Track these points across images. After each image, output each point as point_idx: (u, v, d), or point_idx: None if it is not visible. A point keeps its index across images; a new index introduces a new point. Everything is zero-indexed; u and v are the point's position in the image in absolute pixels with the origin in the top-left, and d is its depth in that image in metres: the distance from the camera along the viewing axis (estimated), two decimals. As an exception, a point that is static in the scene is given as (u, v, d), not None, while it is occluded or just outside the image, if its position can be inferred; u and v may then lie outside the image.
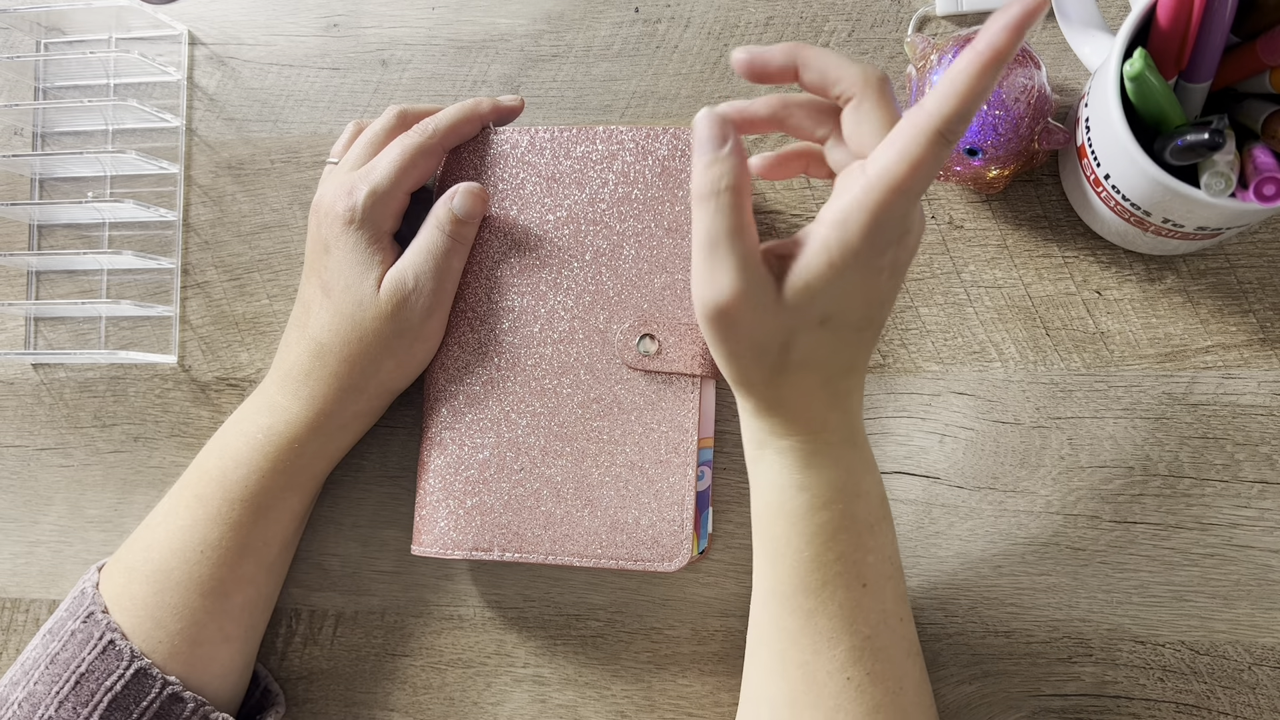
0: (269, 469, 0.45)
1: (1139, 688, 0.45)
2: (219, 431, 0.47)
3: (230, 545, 0.44)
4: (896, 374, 0.48)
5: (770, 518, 0.39)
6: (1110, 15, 0.47)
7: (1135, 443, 0.46)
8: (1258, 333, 0.45)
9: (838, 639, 0.37)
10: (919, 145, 0.32)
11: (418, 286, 0.44)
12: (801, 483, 0.38)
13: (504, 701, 0.49)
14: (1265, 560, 0.44)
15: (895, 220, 0.33)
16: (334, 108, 0.54)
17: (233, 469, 0.45)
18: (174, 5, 0.56)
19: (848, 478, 0.38)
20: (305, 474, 0.46)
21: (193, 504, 0.45)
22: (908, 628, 0.39)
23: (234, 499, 0.44)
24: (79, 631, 0.43)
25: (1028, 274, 0.47)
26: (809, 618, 0.37)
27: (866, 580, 0.38)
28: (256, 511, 0.45)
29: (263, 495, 0.45)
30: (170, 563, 0.44)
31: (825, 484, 0.38)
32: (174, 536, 0.45)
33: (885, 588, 0.38)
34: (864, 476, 0.39)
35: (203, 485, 0.45)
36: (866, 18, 0.50)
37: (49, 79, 0.58)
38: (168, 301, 0.55)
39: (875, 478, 0.39)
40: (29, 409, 0.56)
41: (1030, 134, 0.43)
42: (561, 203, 0.47)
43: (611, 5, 0.52)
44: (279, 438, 0.45)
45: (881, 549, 0.38)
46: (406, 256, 0.45)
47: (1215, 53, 0.39)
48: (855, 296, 0.35)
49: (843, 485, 0.38)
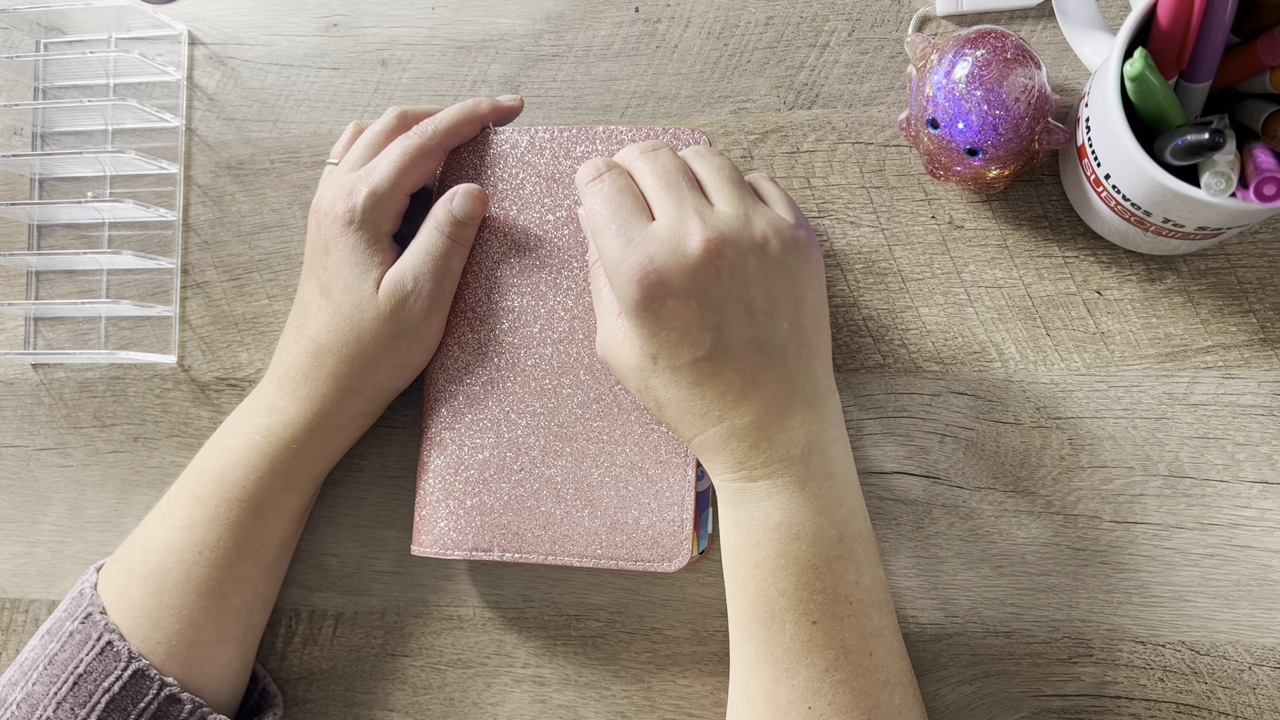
0: (267, 469, 0.45)
1: (1139, 688, 0.45)
2: (217, 432, 0.47)
3: (228, 546, 0.44)
4: (897, 374, 0.48)
5: (723, 547, 0.40)
6: (1110, 15, 0.47)
7: (1135, 443, 0.46)
8: (1258, 333, 0.45)
9: (794, 669, 0.37)
10: None
11: (417, 288, 0.44)
12: (735, 519, 0.39)
13: (504, 702, 0.49)
14: (1266, 560, 0.44)
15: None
16: (334, 108, 0.54)
17: (230, 470, 0.45)
18: (174, 5, 0.56)
19: (783, 517, 0.37)
20: (303, 475, 0.46)
21: (190, 504, 0.45)
22: (881, 659, 0.38)
23: (232, 500, 0.44)
24: (77, 632, 0.43)
25: (1028, 274, 0.47)
26: (764, 646, 0.38)
27: (816, 618, 0.37)
28: (254, 512, 0.45)
29: (260, 496, 0.45)
30: (168, 563, 0.44)
31: (756, 523, 0.38)
32: (172, 537, 0.44)
33: (842, 625, 0.37)
34: (810, 517, 0.38)
35: (200, 486, 0.45)
36: (866, 18, 0.50)
37: (49, 79, 0.58)
38: (167, 301, 0.55)
39: (828, 518, 0.38)
40: (29, 409, 0.56)
41: (1030, 134, 0.43)
42: (561, 203, 0.47)
43: (611, 5, 0.52)
44: (276, 438, 0.45)
45: (833, 589, 0.37)
46: (405, 258, 0.45)
47: (1215, 53, 0.39)
48: (666, 334, 0.38)
49: (776, 525, 0.38)
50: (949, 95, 0.43)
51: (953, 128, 0.43)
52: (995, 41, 0.43)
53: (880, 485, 0.47)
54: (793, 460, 0.38)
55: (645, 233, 0.38)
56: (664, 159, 0.40)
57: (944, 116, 0.43)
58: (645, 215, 0.39)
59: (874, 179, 0.49)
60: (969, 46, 0.43)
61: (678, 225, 0.38)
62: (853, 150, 0.49)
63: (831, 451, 0.39)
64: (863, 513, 0.40)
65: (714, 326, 0.37)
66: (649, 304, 0.37)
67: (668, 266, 0.37)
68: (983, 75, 0.42)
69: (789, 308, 0.38)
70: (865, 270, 0.48)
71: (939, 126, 0.43)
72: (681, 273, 0.37)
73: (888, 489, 0.47)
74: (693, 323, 0.37)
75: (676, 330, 0.38)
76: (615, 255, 0.38)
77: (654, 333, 0.38)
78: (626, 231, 0.38)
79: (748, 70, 0.50)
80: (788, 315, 0.38)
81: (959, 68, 0.43)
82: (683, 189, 0.39)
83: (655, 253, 0.37)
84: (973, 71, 0.42)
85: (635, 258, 0.37)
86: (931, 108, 0.43)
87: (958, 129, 0.43)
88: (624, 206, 0.39)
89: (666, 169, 0.39)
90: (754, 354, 0.38)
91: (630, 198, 0.39)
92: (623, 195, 0.39)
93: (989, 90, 0.42)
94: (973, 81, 0.42)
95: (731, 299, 0.37)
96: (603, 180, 0.40)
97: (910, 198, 0.48)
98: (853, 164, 0.49)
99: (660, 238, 0.37)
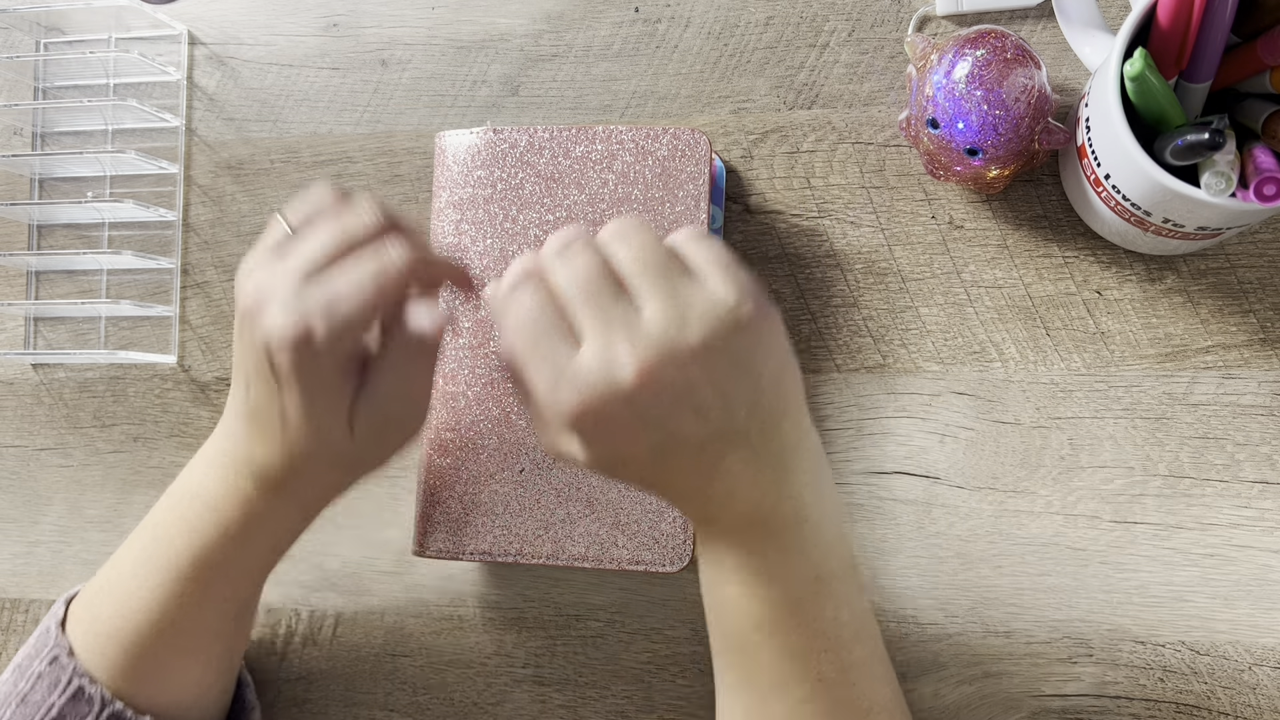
0: (240, 555, 0.41)
1: (1139, 688, 0.45)
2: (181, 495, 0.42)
3: (192, 598, 0.41)
4: (897, 374, 0.48)
5: (700, 575, 0.39)
6: (1110, 15, 0.47)
7: (1135, 443, 0.46)
8: (1258, 333, 0.45)
9: (770, 700, 0.37)
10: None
11: (395, 421, 0.39)
12: (708, 557, 0.38)
13: (504, 701, 0.49)
14: (1266, 560, 0.44)
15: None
16: (334, 108, 0.54)
17: (189, 534, 0.41)
18: (174, 5, 0.56)
19: (752, 563, 0.36)
20: (253, 564, 0.43)
21: (154, 555, 0.42)
22: (863, 688, 0.37)
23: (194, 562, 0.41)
24: (46, 674, 0.42)
25: (1028, 274, 0.47)
26: (742, 674, 0.37)
27: (792, 652, 0.36)
28: (209, 578, 0.41)
29: (215, 568, 0.41)
30: (133, 610, 0.42)
31: (726, 565, 0.37)
32: (136, 586, 0.42)
33: (819, 659, 0.36)
34: (782, 562, 0.36)
35: (161, 545, 0.42)
36: (866, 18, 0.50)
37: (49, 79, 0.58)
38: (167, 301, 0.55)
39: (803, 559, 0.36)
40: (29, 409, 0.56)
41: (1030, 134, 0.43)
42: (561, 203, 0.47)
43: (611, 5, 0.52)
44: (251, 532, 0.41)
45: (808, 625, 0.36)
46: (377, 387, 0.38)
47: (1215, 53, 0.39)
48: (611, 451, 0.35)
49: (746, 568, 0.36)
50: (949, 95, 0.43)
51: (953, 128, 0.43)
52: (995, 41, 0.43)
53: (880, 485, 0.47)
54: (759, 515, 0.36)
55: (572, 366, 0.33)
56: (581, 262, 0.34)
57: (944, 116, 0.43)
58: (568, 339, 0.34)
59: (874, 179, 0.49)
60: (969, 46, 0.43)
61: (605, 352, 0.33)
62: (853, 150, 0.49)
63: (804, 497, 0.36)
64: (843, 547, 0.37)
65: (659, 443, 0.34)
66: (587, 434, 0.34)
67: (603, 402, 0.33)
68: (983, 75, 0.42)
69: (745, 394, 0.34)
70: (865, 270, 0.48)
71: (939, 126, 0.43)
72: (618, 404, 0.33)
73: (888, 489, 0.47)
74: (638, 442, 0.34)
75: (621, 449, 0.34)
76: (543, 394, 0.34)
77: (597, 453, 0.35)
78: (551, 365, 0.33)
79: (748, 70, 0.50)
80: (744, 402, 0.35)
81: (959, 68, 0.43)
82: (604, 300, 0.33)
83: (586, 390, 0.33)
84: (973, 71, 0.42)
85: (565, 396, 0.33)
86: (931, 108, 0.43)
87: (958, 129, 0.43)
88: (544, 334, 0.34)
89: (586, 276, 0.34)
90: (711, 446, 0.35)
91: (549, 320, 0.34)
92: (540, 320, 0.34)
93: (989, 90, 0.42)
94: (973, 81, 0.42)
95: (678, 410, 0.33)
96: (518, 300, 0.35)
97: (910, 198, 0.48)
98: (853, 164, 0.49)
99: (589, 370, 0.33)
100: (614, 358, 0.33)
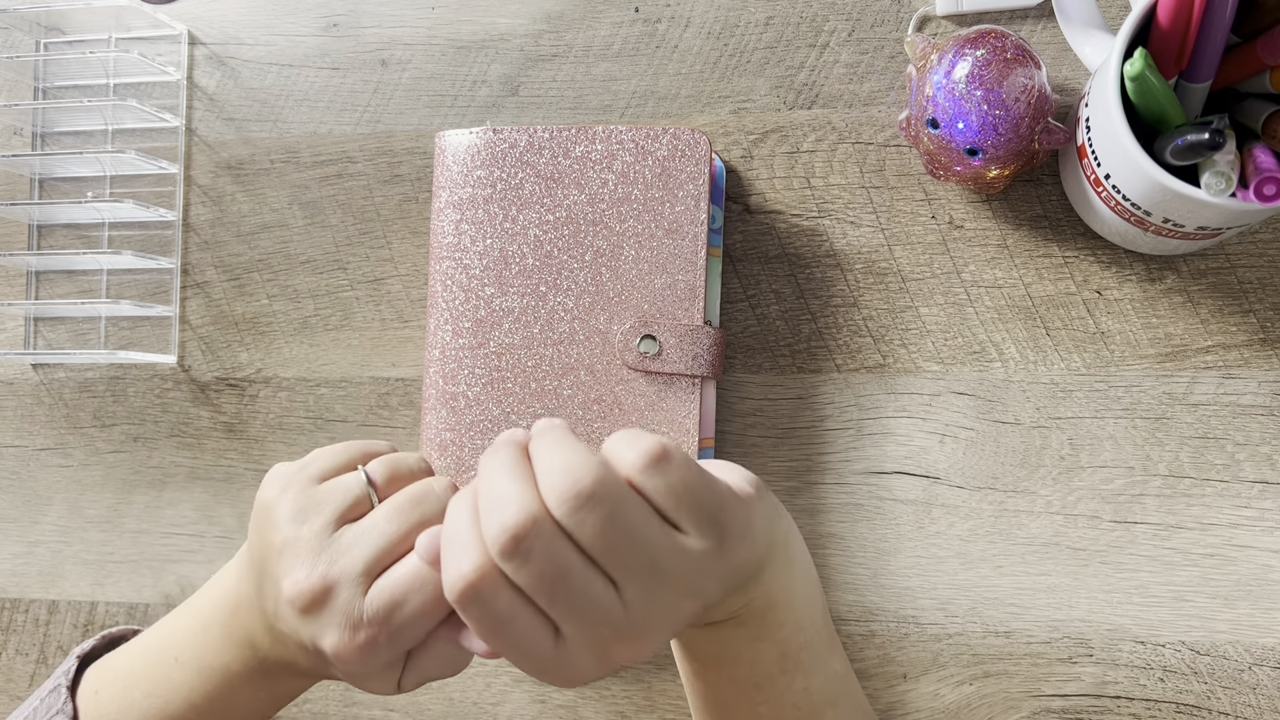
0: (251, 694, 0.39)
1: (1139, 688, 0.45)
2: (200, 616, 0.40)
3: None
4: (897, 374, 0.48)
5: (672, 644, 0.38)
6: (1110, 15, 0.47)
7: (1135, 443, 0.46)
8: (1258, 333, 0.45)
9: None
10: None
11: (441, 677, 0.37)
12: (676, 637, 0.37)
13: (504, 701, 0.49)
14: (1266, 560, 0.44)
15: None
16: (334, 108, 0.54)
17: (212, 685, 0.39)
18: (174, 5, 0.56)
19: (717, 650, 0.36)
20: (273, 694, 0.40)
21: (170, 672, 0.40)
22: None
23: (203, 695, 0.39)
24: None
25: (1028, 274, 0.47)
26: None
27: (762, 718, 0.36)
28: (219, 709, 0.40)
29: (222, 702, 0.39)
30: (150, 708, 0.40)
31: (694, 648, 0.36)
32: (143, 700, 0.40)
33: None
34: (748, 646, 0.35)
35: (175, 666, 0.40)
36: (866, 18, 0.50)
37: (49, 79, 0.58)
38: (167, 301, 0.55)
39: (769, 642, 0.35)
40: (28, 409, 0.56)
41: (1030, 134, 0.43)
42: (561, 203, 0.47)
43: (611, 5, 0.52)
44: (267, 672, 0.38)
45: (778, 699, 0.36)
46: (426, 667, 0.35)
47: (1215, 52, 0.39)
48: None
49: (712, 654, 0.36)
50: (949, 95, 0.43)
51: (953, 128, 0.43)
52: (995, 41, 0.43)
53: (880, 485, 0.47)
54: (727, 614, 0.34)
55: (560, 659, 0.30)
56: (538, 559, 0.29)
57: (944, 116, 0.43)
58: (544, 625, 0.30)
59: (874, 179, 0.49)
60: (969, 46, 0.43)
61: (595, 649, 0.30)
62: (853, 150, 0.49)
63: (771, 587, 0.34)
64: (811, 620, 0.36)
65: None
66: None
67: (591, 671, 0.31)
68: (983, 75, 0.42)
69: (721, 585, 0.32)
70: (865, 270, 0.48)
71: (939, 126, 0.43)
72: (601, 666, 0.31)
73: (888, 489, 0.47)
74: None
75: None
76: (533, 673, 0.31)
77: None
78: (535, 661, 0.31)
79: (748, 70, 0.50)
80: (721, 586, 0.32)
81: (959, 68, 0.43)
82: (573, 591, 0.29)
83: (583, 677, 0.31)
84: (973, 71, 0.42)
85: (558, 680, 0.31)
86: (931, 108, 0.43)
87: (958, 129, 0.43)
88: (514, 625, 0.30)
89: (550, 575, 0.29)
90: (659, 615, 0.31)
91: (513, 616, 0.30)
92: (507, 619, 0.30)
93: (989, 90, 0.42)
94: (973, 81, 0.42)
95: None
96: (482, 607, 0.30)
97: (910, 198, 0.48)
98: (853, 164, 0.49)
99: (583, 669, 0.30)
100: (605, 653, 0.30)
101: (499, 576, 0.29)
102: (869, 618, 0.47)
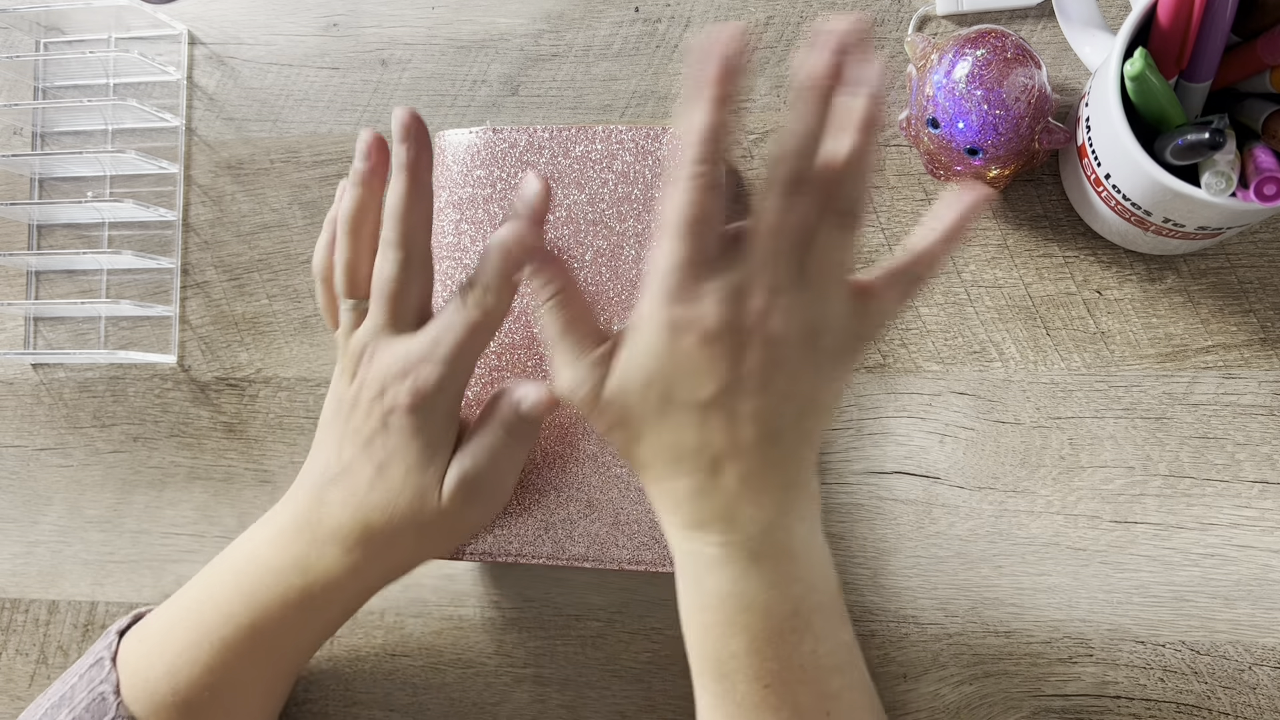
0: (299, 623, 0.42)
1: (1139, 688, 0.45)
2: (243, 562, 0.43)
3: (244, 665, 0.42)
4: (897, 374, 0.48)
5: (678, 600, 0.38)
6: (1110, 15, 0.47)
7: (1135, 443, 0.46)
8: (1258, 333, 0.45)
9: None
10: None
11: (484, 495, 0.42)
12: (687, 580, 0.37)
13: (504, 701, 0.49)
14: (1266, 560, 0.44)
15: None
16: (334, 107, 0.54)
17: (261, 617, 0.42)
18: (174, 5, 0.56)
19: (733, 588, 0.36)
20: (329, 620, 0.44)
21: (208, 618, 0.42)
22: (839, 717, 0.37)
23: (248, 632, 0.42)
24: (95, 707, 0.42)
25: (1028, 274, 0.47)
26: (718, 699, 0.37)
27: (768, 682, 0.36)
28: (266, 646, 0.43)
29: (272, 635, 0.42)
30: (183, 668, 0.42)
31: (707, 589, 0.37)
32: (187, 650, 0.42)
33: (795, 690, 0.36)
34: (762, 591, 0.36)
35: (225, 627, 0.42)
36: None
37: (49, 79, 0.58)
38: (167, 301, 0.55)
39: (782, 593, 0.36)
40: (28, 409, 0.56)
41: (1030, 133, 0.43)
42: (561, 203, 0.47)
43: (611, 5, 0.52)
44: (315, 599, 0.42)
45: (786, 657, 0.36)
46: (471, 457, 0.41)
47: (1216, 52, 0.39)
48: (680, 370, 0.35)
49: (726, 594, 0.36)
50: (949, 95, 0.43)
51: (953, 127, 0.43)
52: (995, 41, 0.43)
53: (880, 485, 0.47)
54: (749, 536, 0.36)
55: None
56: (795, 216, 0.35)
57: (944, 116, 0.43)
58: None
59: (874, 179, 0.49)
60: (969, 46, 0.43)
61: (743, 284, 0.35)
62: (853, 150, 0.49)
63: (796, 530, 0.37)
64: (826, 585, 0.38)
65: (730, 382, 0.35)
66: (676, 331, 0.35)
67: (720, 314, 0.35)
68: (983, 75, 0.42)
69: (768, 412, 0.36)
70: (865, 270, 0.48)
71: (939, 126, 0.43)
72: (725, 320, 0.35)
73: (888, 489, 0.47)
74: (719, 363, 0.35)
75: (694, 365, 0.35)
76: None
77: (670, 359, 0.36)
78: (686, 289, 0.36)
79: (748, 70, 0.50)
80: (764, 419, 0.36)
81: (959, 67, 0.43)
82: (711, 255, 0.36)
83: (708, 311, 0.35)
84: (973, 71, 0.42)
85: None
86: (931, 107, 0.43)
87: (958, 129, 0.43)
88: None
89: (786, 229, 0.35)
90: (749, 425, 0.35)
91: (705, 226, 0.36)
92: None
93: (989, 90, 0.42)
94: (973, 81, 0.42)
95: (699, 379, 0.35)
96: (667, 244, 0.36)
97: (910, 198, 0.48)
98: (853, 164, 0.49)
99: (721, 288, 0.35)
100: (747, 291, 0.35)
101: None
102: (869, 618, 0.47)
